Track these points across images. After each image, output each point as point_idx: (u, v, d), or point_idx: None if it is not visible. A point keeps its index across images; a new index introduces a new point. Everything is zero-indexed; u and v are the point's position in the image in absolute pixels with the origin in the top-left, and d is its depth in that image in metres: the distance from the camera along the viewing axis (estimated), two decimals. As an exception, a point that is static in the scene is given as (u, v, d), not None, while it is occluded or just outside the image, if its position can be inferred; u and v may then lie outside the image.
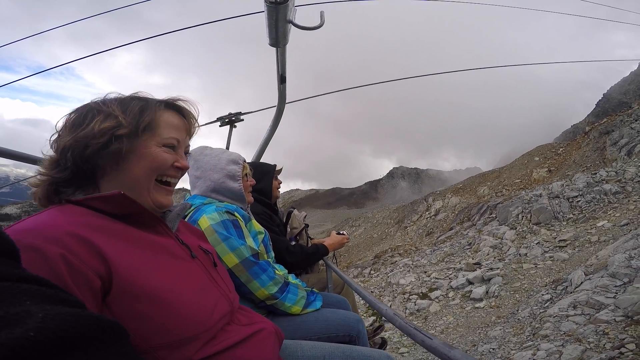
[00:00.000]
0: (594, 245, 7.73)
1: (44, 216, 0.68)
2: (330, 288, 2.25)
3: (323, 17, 1.32)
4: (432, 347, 0.79)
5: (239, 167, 1.63)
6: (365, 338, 1.60)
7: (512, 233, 10.80)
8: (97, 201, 0.74)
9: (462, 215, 16.45)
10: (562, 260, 7.61)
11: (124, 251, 0.70)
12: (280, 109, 2.14)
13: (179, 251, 0.84)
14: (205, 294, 0.82)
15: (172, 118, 0.88)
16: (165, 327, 0.69)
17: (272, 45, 1.37)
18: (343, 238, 2.47)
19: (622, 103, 22.56)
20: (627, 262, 5.33)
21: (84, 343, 0.32)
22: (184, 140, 0.90)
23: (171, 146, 0.86)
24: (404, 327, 0.97)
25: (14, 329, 0.28)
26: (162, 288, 0.71)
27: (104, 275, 0.64)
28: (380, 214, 28.41)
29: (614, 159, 12.92)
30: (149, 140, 0.82)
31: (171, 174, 0.87)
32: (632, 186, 9.89)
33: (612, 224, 8.44)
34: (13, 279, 0.35)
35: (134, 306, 0.66)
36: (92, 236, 0.66)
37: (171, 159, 0.85)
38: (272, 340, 0.92)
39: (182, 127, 0.90)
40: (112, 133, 0.77)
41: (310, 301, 1.59)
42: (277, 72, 1.68)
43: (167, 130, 0.85)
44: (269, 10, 1.16)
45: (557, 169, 16.26)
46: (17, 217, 40.15)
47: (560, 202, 10.74)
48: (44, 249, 0.59)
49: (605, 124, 15.09)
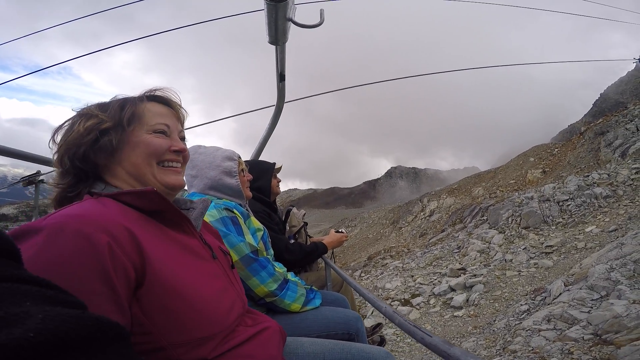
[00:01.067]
0: (580, 252, 7.51)
1: (88, 205, 0.69)
2: (329, 286, 2.26)
3: (323, 15, 1.32)
4: (431, 344, 0.79)
5: (234, 163, 1.63)
6: (364, 336, 1.59)
7: (501, 237, 10.58)
8: (129, 196, 0.76)
9: (455, 217, 16.22)
10: (546, 267, 7.40)
11: (157, 246, 0.72)
12: (279, 107, 2.12)
13: (203, 251, 0.86)
14: (224, 295, 0.84)
15: (155, 107, 0.90)
16: (188, 324, 0.70)
17: (271, 43, 1.37)
18: (342, 236, 2.47)
19: (618, 103, 22.19)
20: (607, 273, 5.12)
21: (83, 344, 0.32)
22: (174, 125, 0.91)
23: (161, 131, 0.87)
24: (403, 325, 0.96)
25: (14, 330, 0.28)
26: (188, 285, 0.72)
27: (139, 268, 0.66)
28: (376, 214, 28.17)
29: (608, 160, 12.65)
30: (137, 130, 0.84)
31: (170, 157, 0.88)
32: (624, 190, 9.64)
33: (601, 229, 8.22)
34: (13, 279, 0.35)
35: (162, 301, 0.67)
36: (134, 228, 0.68)
37: (165, 143, 0.87)
38: (277, 338, 0.94)
39: (168, 114, 0.91)
40: (97, 128, 0.80)
41: (310, 299, 1.59)
42: (276, 70, 1.66)
43: (154, 118, 0.87)
44: (268, 8, 1.16)
45: (551, 170, 15.99)
46: (14, 217, 40.30)
47: (550, 205, 10.51)
48: (92, 236, 0.60)
49: (600, 124, 14.81)
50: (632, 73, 18.78)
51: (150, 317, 0.66)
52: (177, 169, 0.91)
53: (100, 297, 0.58)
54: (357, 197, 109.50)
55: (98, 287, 0.58)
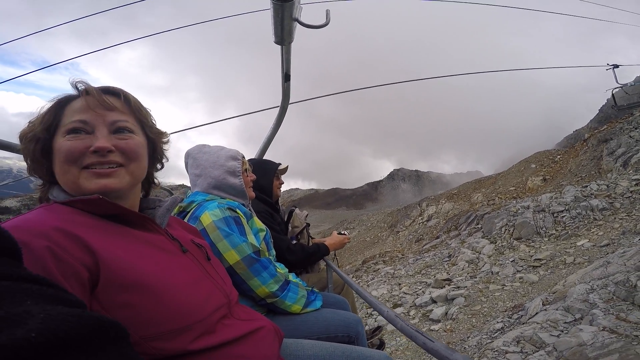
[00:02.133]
0: (567, 267, 7.20)
1: (32, 214, 0.70)
2: (330, 288, 2.25)
3: (329, 16, 1.33)
4: (433, 350, 0.78)
5: (238, 163, 1.63)
6: (364, 339, 1.58)
7: (491, 248, 10.27)
8: (80, 203, 0.75)
9: (450, 224, 15.88)
10: (530, 282, 7.11)
11: (110, 244, 0.70)
12: (284, 107, 2.15)
13: (169, 246, 0.84)
14: (198, 286, 0.81)
15: (74, 105, 0.82)
16: (156, 317, 0.69)
17: (277, 43, 1.37)
18: (344, 238, 2.45)
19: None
20: (586, 295, 4.85)
21: (84, 343, 0.32)
22: (96, 118, 0.81)
23: (75, 130, 0.79)
24: (405, 329, 0.95)
25: (15, 330, 0.28)
26: (150, 278, 0.71)
27: (91, 267, 0.65)
28: (375, 217, 27.85)
29: (609, 169, 12.20)
30: (57, 137, 0.79)
31: (91, 161, 0.78)
32: (621, 202, 9.26)
33: (593, 243, 7.88)
34: (14, 278, 0.35)
35: (122, 296, 0.66)
36: (78, 231, 0.67)
37: (80, 145, 0.78)
38: (271, 338, 0.92)
39: (87, 106, 0.81)
40: (26, 138, 0.79)
41: (311, 300, 1.58)
42: (281, 70, 1.69)
43: (69, 117, 0.80)
44: (275, 7, 1.16)
45: (552, 178, 15.52)
46: (17, 210, 41.22)
47: (544, 216, 10.16)
48: (29, 242, 0.60)
49: (604, 131, 14.32)
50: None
51: (114, 314, 0.65)
52: (103, 171, 0.79)
53: None
54: (359, 198, 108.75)
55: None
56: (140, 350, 0.67)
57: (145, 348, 0.67)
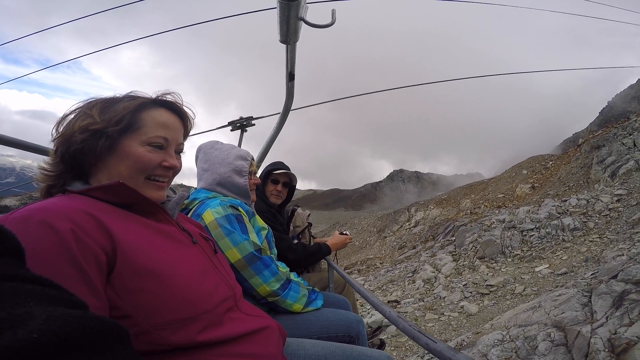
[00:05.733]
0: (513, 299, 6.45)
1: (54, 199, 0.72)
2: (331, 288, 2.27)
3: (334, 16, 1.33)
4: (436, 350, 0.79)
5: (246, 163, 1.64)
6: (364, 339, 1.59)
7: (452, 267, 9.51)
8: (98, 191, 0.76)
9: (429, 233, 15.07)
10: (467, 315, 6.41)
11: (127, 230, 0.72)
12: (288, 106, 2.16)
13: (180, 236, 0.86)
14: (206, 277, 0.83)
15: (160, 116, 0.86)
16: (165, 305, 0.70)
17: (282, 42, 1.38)
18: (345, 238, 2.44)
19: (626, 112, 19.70)
20: (490, 348, 4.17)
21: (86, 344, 0.33)
22: (174, 138, 0.88)
23: (158, 145, 0.84)
24: (407, 330, 0.95)
25: (18, 331, 0.29)
26: (163, 266, 0.73)
27: (109, 251, 0.66)
28: (366, 220, 26.99)
29: (597, 180, 11.14)
30: (132, 139, 0.82)
31: (159, 173, 0.86)
32: (596, 222, 8.33)
33: (551, 270, 7.07)
34: (17, 279, 0.36)
35: (136, 282, 0.68)
36: (101, 215, 0.70)
37: (157, 158, 0.84)
38: (276, 337, 0.94)
39: (173, 125, 0.88)
40: (88, 129, 0.79)
41: (312, 300, 1.58)
42: (286, 69, 1.69)
43: (154, 129, 0.84)
44: (281, 7, 1.16)
45: (540, 186, 14.43)
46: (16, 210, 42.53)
47: (513, 234, 9.31)
48: (55, 224, 0.62)
49: (599, 136, 13.14)
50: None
51: (127, 300, 0.66)
52: (162, 184, 0.87)
53: (71, 280, 0.59)
54: (358, 199, 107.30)
55: (68, 270, 0.60)
56: (150, 339, 0.67)
57: (154, 337, 0.68)
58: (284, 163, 2.41)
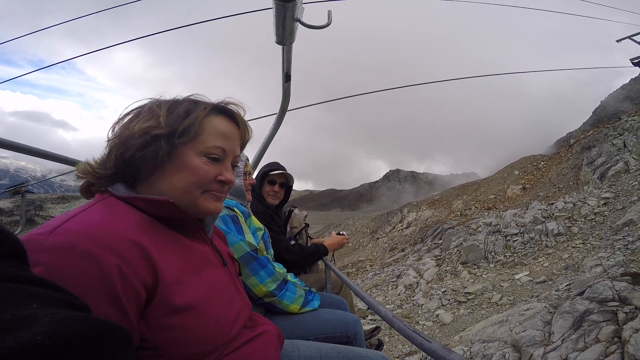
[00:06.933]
0: (489, 308, 6.26)
1: (98, 217, 0.66)
2: (328, 288, 2.27)
3: (330, 16, 1.32)
4: (430, 350, 0.81)
5: (241, 164, 1.63)
6: (362, 339, 1.58)
7: (434, 272, 9.30)
8: (144, 202, 0.72)
9: (418, 236, 14.85)
10: (440, 325, 6.22)
11: (171, 261, 0.69)
12: (284, 107, 2.17)
13: (213, 258, 0.84)
14: (231, 305, 0.82)
15: (220, 124, 0.81)
16: (195, 339, 0.69)
17: (278, 43, 1.36)
18: (343, 238, 2.44)
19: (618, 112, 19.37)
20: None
21: (89, 347, 0.33)
22: (232, 149, 0.83)
23: (214, 157, 0.79)
24: (402, 330, 0.97)
25: (21, 333, 0.29)
26: (198, 300, 0.70)
27: (150, 287, 0.64)
28: (360, 221, 26.76)
29: (587, 181, 10.91)
30: (190, 148, 0.76)
31: (214, 188, 0.80)
32: (580, 227, 8.11)
33: (531, 278, 6.86)
34: (20, 281, 0.35)
35: (170, 318, 0.66)
36: (146, 242, 0.66)
37: (213, 172, 0.79)
38: (275, 342, 0.93)
39: (232, 135, 0.83)
40: (149, 133, 0.73)
41: (308, 300, 1.58)
42: (282, 70, 1.70)
43: (213, 138, 0.79)
44: (277, 7, 1.15)
45: (531, 187, 14.19)
46: (9, 212, 41.63)
47: (496, 239, 9.11)
48: (100, 257, 0.59)
49: (590, 137, 12.88)
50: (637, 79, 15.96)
51: (157, 334, 0.64)
52: (221, 195, 0.82)
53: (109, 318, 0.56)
54: (354, 199, 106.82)
55: (107, 309, 0.58)
56: None
57: None
58: (280, 164, 2.43)
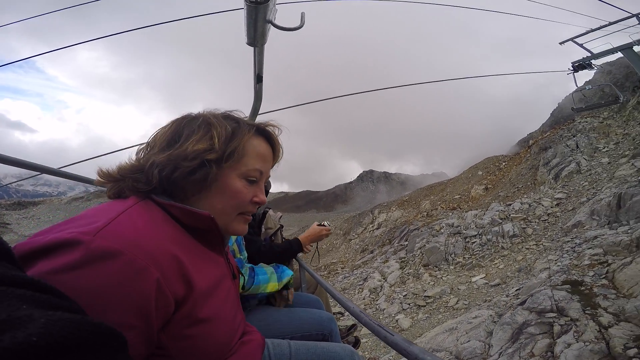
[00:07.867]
0: (445, 312, 6.27)
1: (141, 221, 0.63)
2: (303, 287, 2.31)
3: (303, 19, 1.31)
4: (393, 342, 0.84)
5: None
6: (337, 336, 1.59)
7: (398, 275, 9.32)
8: (181, 211, 0.70)
9: (386, 237, 14.94)
10: (400, 330, 6.15)
11: (202, 275, 0.68)
12: (256, 109, 2.07)
13: (226, 270, 0.83)
14: (235, 319, 0.82)
15: (260, 146, 0.81)
16: (203, 349, 0.69)
17: (249, 44, 1.33)
18: (321, 229, 2.33)
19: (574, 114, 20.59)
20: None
21: (84, 349, 0.33)
22: (267, 171, 0.84)
23: (253, 180, 0.79)
24: (368, 324, 1.02)
25: (17, 333, 0.29)
26: (217, 311, 0.71)
27: (180, 301, 0.63)
28: (334, 223, 26.73)
29: (543, 181, 11.38)
30: (232, 170, 0.76)
31: (249, 209, 0.80)
32: (534, 228, 8.37)
33: (486, 281, 6.95)
34: (6, 282, 0.35)
35: (188, 329, 0.65)
36: (182, 255, 0.65)
37: (250, 194, 0.79)
38: (260, 352, 0.93)
39: (269, 158, 0.84)
40: (203, 157, 0.71)
41: (281, 272, 1.63)
42: (253, 72, 1.66)
43: (254, 161, 0.78)
44: (248, 9, 1.13)
45: (493, 187, 14.69)
46: None
47: (457, 240, 9.25)
48: (144, 270, 0.57)
49: (546, 138, 13.48)
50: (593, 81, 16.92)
51: (173, 344, 0.64)
52: (249, 218, 0.83)
53: (131, 331, 0.55)
54: (330, 200, 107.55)
55: (133, 321, 0.56)
56: None
57: None
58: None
